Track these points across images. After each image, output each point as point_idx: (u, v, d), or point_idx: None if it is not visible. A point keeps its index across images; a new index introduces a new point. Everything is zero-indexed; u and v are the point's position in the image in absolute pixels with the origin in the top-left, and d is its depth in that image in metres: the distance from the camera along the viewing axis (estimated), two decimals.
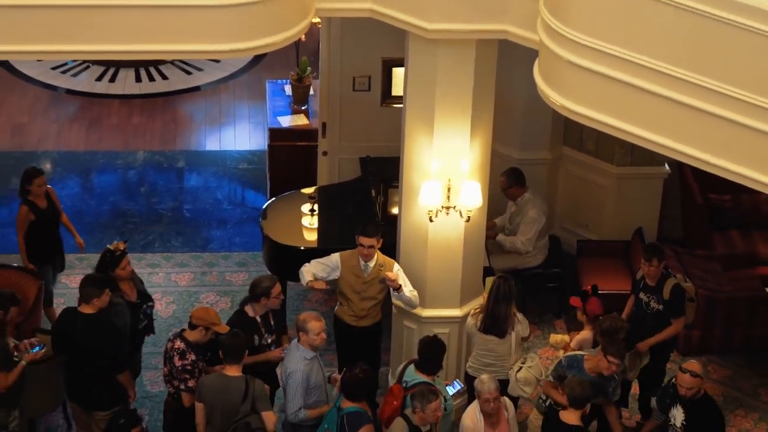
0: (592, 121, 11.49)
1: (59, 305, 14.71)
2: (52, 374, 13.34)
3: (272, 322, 12.94)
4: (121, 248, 13.53)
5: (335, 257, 13.59)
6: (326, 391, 12.71)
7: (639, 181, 16.04)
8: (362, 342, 13.40)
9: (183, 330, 12.47)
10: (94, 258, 14.21)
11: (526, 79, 12.09)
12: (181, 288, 15.04)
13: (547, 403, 12.52)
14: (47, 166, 17.83)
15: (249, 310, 12.88)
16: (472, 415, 12.06)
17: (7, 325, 12.72)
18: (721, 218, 15.80)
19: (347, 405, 12.00)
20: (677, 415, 12.24)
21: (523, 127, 15.52)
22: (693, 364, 12.15)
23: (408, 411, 11.87)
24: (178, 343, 12.28)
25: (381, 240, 13.57)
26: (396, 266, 13.53)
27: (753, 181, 10.81)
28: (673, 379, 12.32)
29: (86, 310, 12.43)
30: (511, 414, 12.35)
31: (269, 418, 12.10)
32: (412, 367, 12.52)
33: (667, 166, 15.85)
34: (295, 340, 12.45)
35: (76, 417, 13.37)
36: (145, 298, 13.66)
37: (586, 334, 13.35)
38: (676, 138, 11.11)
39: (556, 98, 11.61)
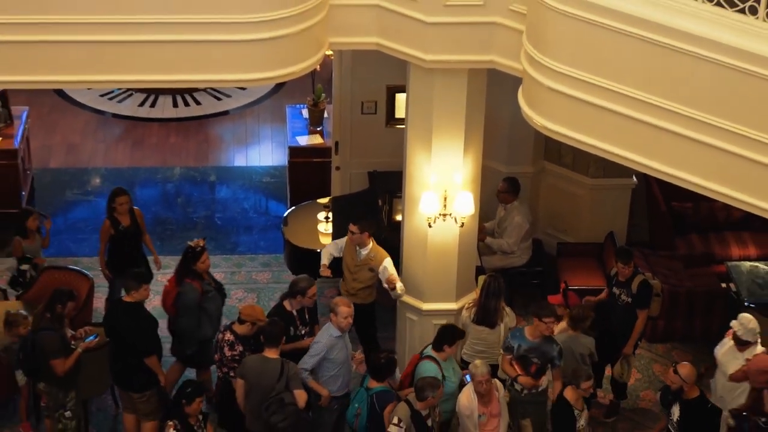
0: (569, 139, 11.52)
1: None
2: (103, 360, 13.33)
3: (307, 317, 12.96)
4: (201, 245, 13.79)
5: (345, 239, 14.20)
6: (350, 369, 12.74)
7: (610, 191, 16.04)
8: (354, 317, 13.20)
9: (232, 323, 12.67)
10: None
11: (512, 103, 12.07)
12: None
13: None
14: (96, 181, 17.84)
15: (287, 304, 13.03)
16: (468, 395, 12.05)
17: (65, 317, 12.75)
18: (682, 223, 15.85)
19: (375, 385, 12.22)
20: (675, 412, 12.23)
21: (509, 144, 15.49)
22: (683, 366, 12.22)
23: (411, 396, 11.83)
24: (228, 335, 12.54)
25: (368, 234, 13.88)
26: (387, 260, 13.87)
27: (709, 190, 10.84)
28: (668, 378, 12.42)
29: (127, 299, 12.90)
30: (501, 393, 12.34)
31: (300, 395, 12.12)
32: (428, 364, 12.59)
33: (634, 178, 15.89)
34: (330, 321, 12.54)
35: (122, 398, 13.37)
36: (220, 287, 13.99)
37: (563, 325, 13.31)
38: (643, 153, 11.11)
39: (537, 119, 11.62)
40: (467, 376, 12.32)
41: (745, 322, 12.68)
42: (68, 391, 12.78)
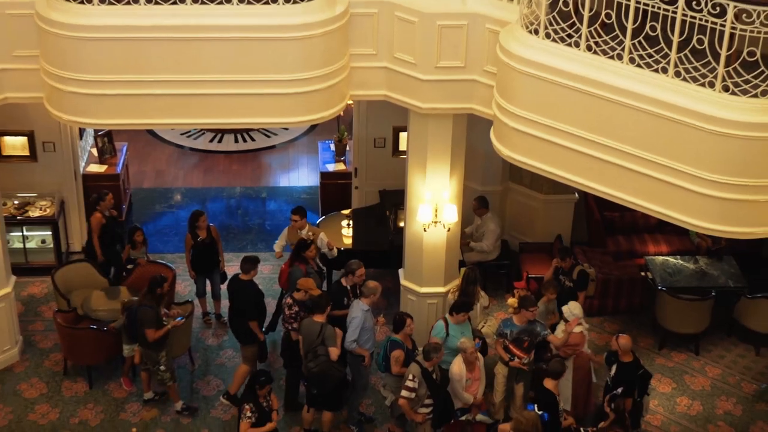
0: (527, 166, 11.53)
1: None
2: (187, 330, 13.58)
3: (358, 291, 12.86)
4: (310, 239, 13.90)
5: (284, 231, 14.56)
6: (374, 332, 12.72)
7: (558, 204, 15.97)
8: None
9: (293, 292, 12.65)
10: None
11: (485, 139, 11.98)
12: (265, 274, 14.98)
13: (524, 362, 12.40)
14: (177, 198, 17.79)
15: (343, 281, 13.11)
16: (459, 364, 11.96)
17: (163, 297, 12.88)
18: (611, 228, 15.80)
19: (394, 336, 12.22)
20: (612, 371, 12.30)
21: (483, 169, 15.42)
22: (623, 337, 12.31)
23: (419, 358, 11.78)
24: (288, 300, 12.67)
25: (304, 219, 14.22)
26: (322, 234, 14.46)
27: (632, 203, 10.86)
28: (612, 344, 12.45)
29: (242, 277, 13.18)
30: (481, 362, 12.24)
31: (333, 351, 12.06)
32: (440, 322, 12.65)
33: (576, 194, 15.78)
34: (360, 299, 12.54)
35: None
36: (320, 271, 14.15)
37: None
38: (583, 176, 11.11)
39: (504, 151, 11.63)
40: (477, 344, 12.22)
41: (572, 307, 12.83)
42: (159, 351, 12.81)
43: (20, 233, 15.49)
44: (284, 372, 13.44)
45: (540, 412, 11.28)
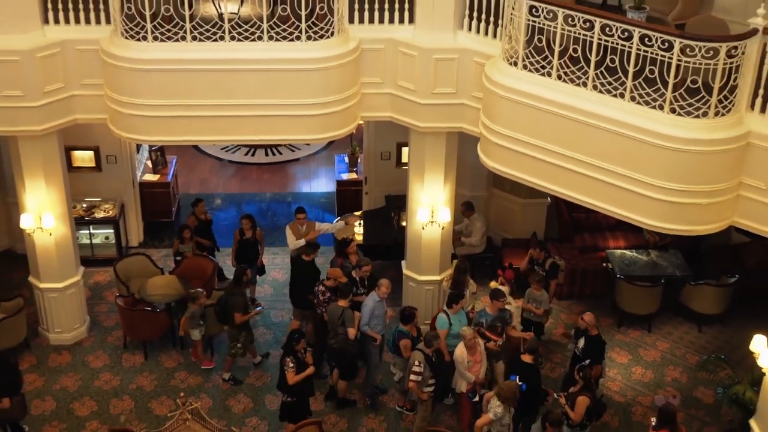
0: (508, 175, 11.52)
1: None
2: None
3: (366, 283, 12.98)
4: (351, 239, 13.97)
5: (288, 231, 14.04)
6: (385, 321, 12.62)
7: (534, 206, 15.92)
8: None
9: (323, 280, 12.94)
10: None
11: (473, 152, 11.96)
12: (288, 265, 14.83)
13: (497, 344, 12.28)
14: (218, 202, 17.76)
15: (354, 273, 13.09)
16: (461, 349, 11.88)
17: (246, 284, 13.50)
18: (578, 226, 15.75)
19: (401, 326, 12.12)
20: (581, 342, 12.20)
21: (471, 178, 15.35)
22: (588, 314, 12.28)
23: (421, 345, 11.76)
24: (320, 287, 12.76)
25: (305, 215, 14.06)
26: (317, 224, 14.23)
27: (595, 206, 10.82)
28: (579, 321, 12.39)
29: (305, 258, 13.54)
30: (481, 346, 12.10)
31: (350, 331, 12.13)
32: (442, 316, 12.56)
33: (549, 198, 15.73)
34: (374, 291, 12.45)
35: (294, 314, 13.96)
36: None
37: (506, 288, 13.25)
38: (554, 184, 11.10)
39: (489, 163, 11.63)
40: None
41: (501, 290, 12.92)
42: (241, 332, 12.95)
43: (87, 231, 15.50)
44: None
45: (520, 383, 11.29)
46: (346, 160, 17.58)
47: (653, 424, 11.31)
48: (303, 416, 11.89)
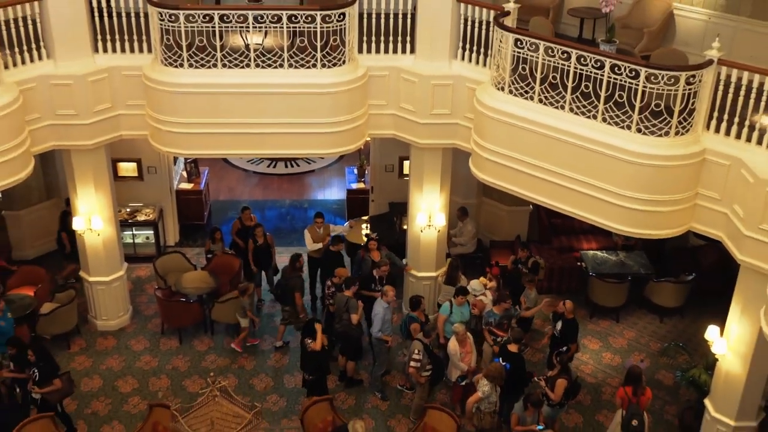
0: (496, 186, 11.56)
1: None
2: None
3: (384, 281, 12.85)
4: (373, 237, 13.79)
5: (306, 234, 14.27)
6: (391, 324, 12.47)
7: (518, 213, 15.88)
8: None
9: (332, 277, 12.88)
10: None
11: (465, 165, 11.97)
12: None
13: (500, 340, 12.12)
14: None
15: (374, 272, 12.98)
16: (453, 342, 11.88)
17: (302, 268, 13.40)
18: (555, 230, 15.69)
19: (411, 313, 12.17)
20: (558, 325, 12.20)
21: (464, 187, 15.27)
22: (567, 302, 12.28)
23: (419, 336, 11.75)
24: (329, 283, 12.89)
25: (323, 219, 14.32)
26: (330, 226, 14.59)
27: (571, 212, 10.78)
28: (559, 307, 12.38)
29: (332, 248, 13.67)
30: (470, 339, 12.06)
31: (353, 317, 12.13)
32: (446, 304, 12.49)
33: (531, 206, 15.68)
34: (381, 298, 12.28)
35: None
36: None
37: (493, 284, 13.21)
38: (536, 193, 11.12)
39: (479, 175, 11.65)
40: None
41: (474, 284, 12.90)
42: (299, 312, 13.22)
43: (131, 232, 15.51)
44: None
45: (504, 363, 11.28)
46: (355, 171, 17.58)
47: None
48: (322, 393, 11.90)
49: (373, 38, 11.91)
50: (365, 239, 14.38)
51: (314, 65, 11.40)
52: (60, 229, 14.68)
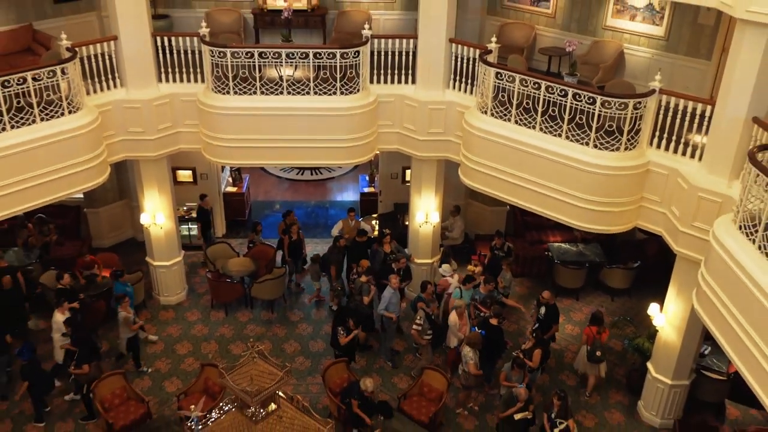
0: (481, 190, 11.50)
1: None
2: (280, 285, 13.38)
3: (401, 273, 12.65)
4: (387, 232, 13.55)
5: (339, 222, 14.32)
6: (399, 306, 12.32)
7: (497, 212, 15.77)
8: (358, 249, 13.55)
9: (357, 265, 12.84)
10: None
11: (455, 173, 11.95)
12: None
13: (482, 315, 12.02)
14: (277, 207, 17.64)
15: (393, 265, 12.78)
16: (454, 315, 11.76)
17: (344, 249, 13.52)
18: (527, 225, 15.56)
19: (420, 294, 12.08)
20: (542, 310, 12.03)
21: (454, 191, 15.16)
22: (546, 292, 12.11)
23: (422, 305, 11.75)
24: (354, 270, 12.66)
25: (355, 213, 14.39)
26: (361, 221, 14.35)
27: (541, 212, 10.72)
28: (541, 297, 12.14)
29: (358, 239, 13.52)
30: (466, 314, 11.96)
31: (365, 298, 12.15)
32: (458, 289, 12.34)
33: (508, 206, 15.59)
34: (388, 285, 12.10)
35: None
36: (399, 250, 13.50)
37: (479, 269, 13.21)
38: (512, 196, 11.07)
39: (467, 182, 11.61)
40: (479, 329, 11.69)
41: (444, 268, 12.93)
42: (332, 280, 13.36)
43: (187, 226, 15.51)
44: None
45: (480, 331, 11.30)
46: (367, 178, 17.55)
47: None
48: (351, 359, 12.11)
49: (382, 71, 11.94)
50: (375, 233, 14.40)
51: (334, 93, 11.42)
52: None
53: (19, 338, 11.83)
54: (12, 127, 10.15)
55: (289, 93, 11.41)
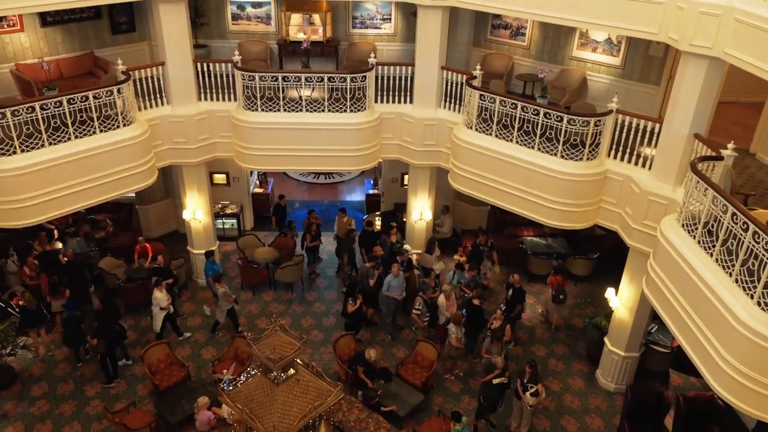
0: (466, 193, 11.40)
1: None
2: (298, 269, 13.30)
3: (405, 264, 12.45)
4: (394, 225, 13.30)
5: (337, 219, 13.87)
6: (401, 288, 12.11)
7: (480, 210, 15.63)
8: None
9: (369, 252, 12.66)
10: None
11: (445, 178, 11.89)
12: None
13: (467, 296, 11.93)
14: (296, 205, 17.47)
15: (398, 257, 12.49)
16: (442, 298, 11.68)
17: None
18: (505, 223, 15.48)
19: (424, 279, 11.98)
20: (510, 292, 11.99)
21: (444, 193, 15.01)
22: (515, 274, 12.03)
23: (421, 293, 11.65)
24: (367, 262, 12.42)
25: (344, 212, 13.90)
26: (352, 219, 13.89)
27: (516, 211, 10.69)
28: (510, 279, 12.08)
29: (367, 229, 13.22)
30: (453, 296, 11.88)
31: (371, 281, 12.00)
32: (451, 273, 12.32)
33: (489, 206, 15.55)
34: (391, 272, 12.01)
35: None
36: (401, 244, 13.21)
37: (464, 258, 13.13)
38: (492, 198, 10.99)
39: (455, 186, 11.55)
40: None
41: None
42: (345, 265, 13.32)
43: (221, 221, 15.45)
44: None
45: (462, 311, 11.27)
46: (372, 182, 17.47)
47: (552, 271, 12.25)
48: (357, 331, 12.03)
49: (385, 93, 11.90)
50: (378, 226, 14.32)
51: (345, 110, 11.40)
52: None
53: (82, 300, 12.04)
54: (76, 137, 10.19)
55: (307, 110, 11.39)
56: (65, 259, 12.31)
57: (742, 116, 12.91)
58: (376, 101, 11.85)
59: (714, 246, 7.47)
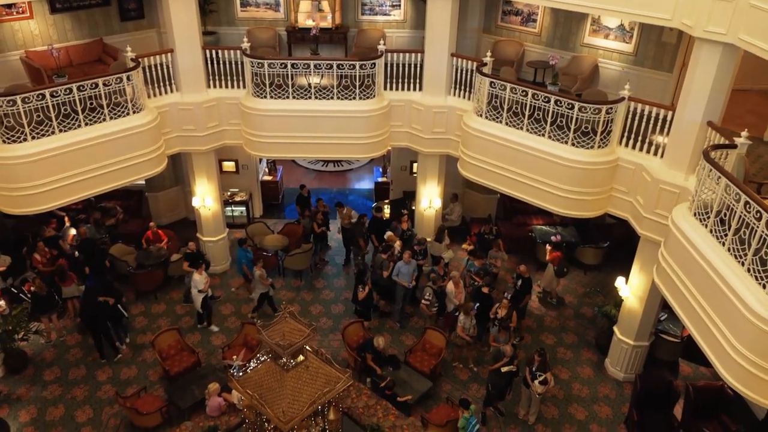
0: (476, 180, 11.42)
1: None
2: (307, 257, 13.32)
3: (419, 252, 12.50)
4: (405, 212, 13.29)
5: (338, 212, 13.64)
6: (411, 275, 12.15)
7: (489, 198, 15.58)
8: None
9: (382, 239, 12.70)
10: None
11: (455, 166, 11.87)
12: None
13: (476, 284, 12.00)
14: (305, 192, 17.65)
15: (416, 247, 12.53)
16: (451, 285, 11.68)
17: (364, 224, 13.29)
18: (515, 211, 15.44)
19: (434, 267, 12.00)
20: (518, 282, 11.95)
21: (453, 181, 14.96)
22: (522, 265, 11.98)
23: (430, 284, 11.67)
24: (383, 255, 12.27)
25: (342, 205, 13.72)
26: (352, 210, 13.65)
27: (526, 199, 10.66)
28: (518, 270, 12.03)
29: (376, 215, 13.37)
30: (461, 283, 11.93)
31: (384, 273, 11.97)
32: (465, 258, 12.49)
33: (498, 194, 15.48)
34: (401, 260, 12.07)
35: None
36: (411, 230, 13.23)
37: (472, 246, 13.13)
38: (502, 185, 10.99)
39: (464, 173, 11.54)
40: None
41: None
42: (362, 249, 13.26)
43: (230, 208, 15.50)
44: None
45: (475, 304, 11.30)
46: (381, 170, 17.46)
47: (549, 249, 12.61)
48: (367, 318, 12.11)
49: (394, 80, 11.87)
50: (387, 214, 14.31)
51: (354, 98, 11.37)
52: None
53: (97, 274, 12.35)
54: (86, 124, 10.22)
55: (316, 98, 11.37)
56: (67, 246, 12.43)
57: (757, 104, 12.76)
58: (385, 88, 11.81)
59: (726, 235, 7.42)
